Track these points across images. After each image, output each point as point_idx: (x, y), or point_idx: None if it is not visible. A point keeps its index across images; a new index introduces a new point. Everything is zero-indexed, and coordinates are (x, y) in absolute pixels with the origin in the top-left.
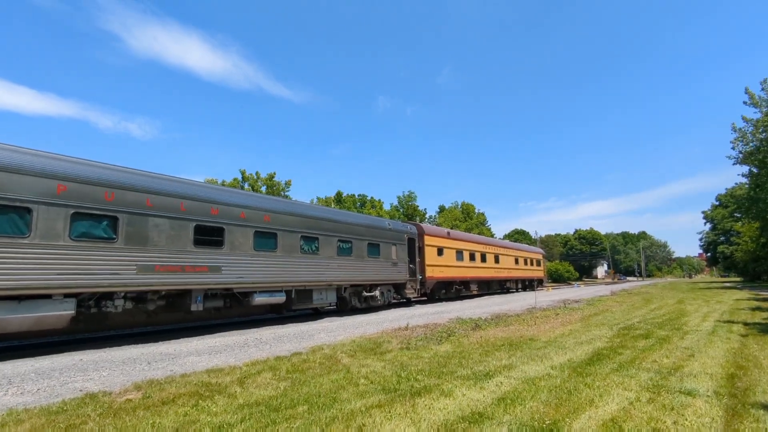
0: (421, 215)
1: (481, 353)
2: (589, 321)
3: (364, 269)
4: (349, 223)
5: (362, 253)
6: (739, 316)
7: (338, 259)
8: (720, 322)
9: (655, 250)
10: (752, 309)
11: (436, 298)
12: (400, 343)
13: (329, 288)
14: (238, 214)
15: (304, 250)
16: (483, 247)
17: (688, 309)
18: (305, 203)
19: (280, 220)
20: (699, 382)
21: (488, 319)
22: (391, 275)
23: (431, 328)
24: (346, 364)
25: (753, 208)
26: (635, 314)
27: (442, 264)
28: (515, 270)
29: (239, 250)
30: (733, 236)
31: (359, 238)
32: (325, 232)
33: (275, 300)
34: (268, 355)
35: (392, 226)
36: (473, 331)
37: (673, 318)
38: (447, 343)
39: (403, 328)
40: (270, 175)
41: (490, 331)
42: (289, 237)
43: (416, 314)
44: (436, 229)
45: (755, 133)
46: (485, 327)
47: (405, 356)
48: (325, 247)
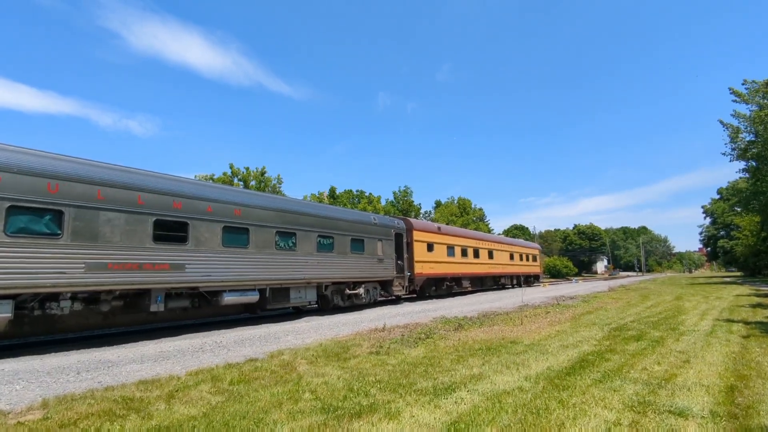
0: (416, 210)
1: (454, 359)
2: (579, 320)
3: (347, 266)
4: (331, 217)
5: (345, 249)
6: (739, 314)
7: (318, 256)
8: (719, 321)
9: (655, 245)
10: (753, 306)
11: (426, 296)
12: (371, 347)
13: (308, 286)
14: (204, 209)
15: (279, 246)
16: (476, 242)
17: (686, 306)
18: (281, 197)
19: (252, 214)
20: (693, 397)
21: (474, 318)
22: (376, 272)
23: (411, 328)
24: (301, 373)
25: (754, 201)
26: (630, 312)
27: (432, 260)
28: (510, 266)
29: (206, 246)
30: (734, 230)
31: (341, 234)
32: (303, 227)
33: (247, 299)
34: (220, 361)
35: (378, 221)
36: (454, 332)
37: (670, 316)
38: (421, 347)
39: (380, 329)
40: (260, 170)
41: (472, 332)
42: (263, 232)
43: (401, 313)
44: (425, 224)
45: (754, 125)
46: (468, 327)
47: (369, 363)
48: (303, 242)
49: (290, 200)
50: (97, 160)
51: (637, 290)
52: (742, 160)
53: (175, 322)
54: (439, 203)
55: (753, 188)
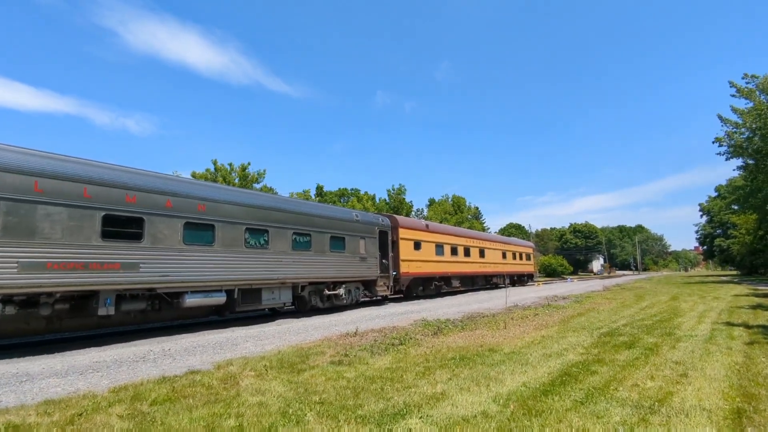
0: (407, 208)
1: (420, 372)
2: (568, 324)
3: (326, 265)
4: (307, 214)
5: (323, 248)
6: (739, 316)
7: (293, 254)
8: (718, 325)
9: (652, 244)
10: (753, 307)
11: (414, 296)
12: (334, 355)
13: (283, 286)
14: (162, 203)
15: (250, 244)
16: (466, 240)
17: (683, 307)
18: (252, 191)
19: (218, 210)
20: (693, 427)
21: (457, 320)
22: (358, 271)
23: (386, 333)
24: (241, 389)
25: (751, 198)
26: (623, 314)
27: (420, 259)
28: (502, 264)
29: (164, 244)
30: (730, 229)
31: (319, 231)
32: (276, 223)
33: (213, 301)
34: (157, 373)
35: (360, 218)
36: (431, 338)
37: (665, 319)
38: (390, 355)
39: (352, 334)
40: (243, 166)
41: (450, 337)
42: (231, 229)
43: (381, 315)
44: (412, 222)
45: (747, 121)
46: (447, 332)
47: (324, 376)
48: (276, 240)
49: (262, 195)
50: (36, 149)
51: (632, 290)
52: (739, 157)
53: (136, 326)
54: (433, 201)
55: (751, 185)
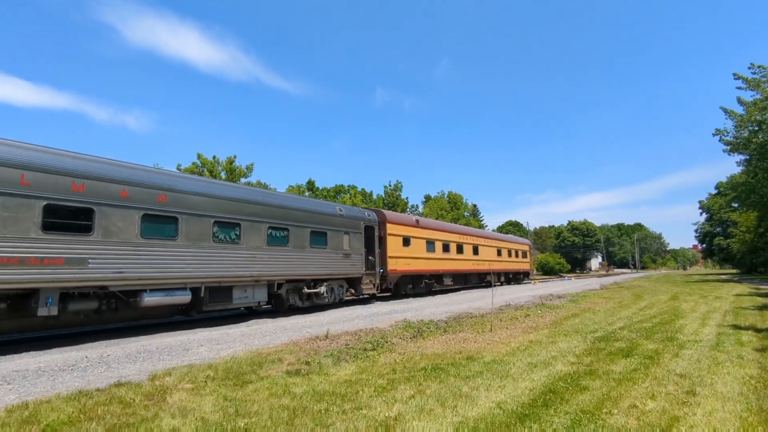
0: (403, 205)
1: (380, 387)
2: (561, 326)
3: (306, 262)
4: (285, 207)
5: (303, 243)
6: (745, 318)
7: (269, 250)
8: (724, 328)
9: (650, 242)
10: (759, 308)
11: (402, 294)
12: (293, 363)
13: (257, 284)
14: (116, 193)
15: (219, 239)
16: (459, 237)
17: (684, 308)
18: (221, 181)
19: (182, 201)
20: None
21: (442, 321)
22: (342, 268)
23: (361, 335)
24: (163, 408)
25: (753, 195)
26: (620, 315)
27: (409, 255)
28: (497, 262)
29: (118, 237)
30: (730, 227)
31: (298, 225)
32: (249, 217)
33: (176, 300)
34: (80, 385)
35: (345, 212)
36: (408, 342)
37: (666, 321)
38: (355, 363)
39: (322, 337)
40: (229, 159)
41: (429, 341)
42: (197, 222)
43: (362, 315)
44: (401, 217)
45: (751, 114)
46: (428, 335)
47: (267, 391)
48: (249, 235)
49: (233, 186)
50: None
51: (630, 288)
52: (742, 152)
53: (92, 328)
54: (429, 197)
55: (753, 181)
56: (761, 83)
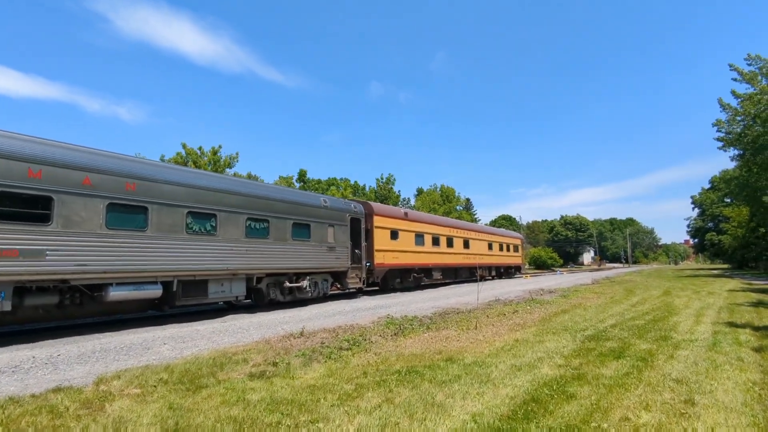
0: (395, 198)
1: (346, 393)
2: (550, 323)
3: (287, 255)
4: (265, 197)
5: (284, 235)
6: (741, 315)
7: (247, 242)
8: (720, 326)
9: (642, 237)
10: (754, 305)
11: (390, 288)
12: (259, 364)
13: (234, 278)
14: (78, 180)
15: (192, 230)
16: (449, 230)
17: (677, 304)
18: (196, 170)
19: (152, 190)
20: None
21: (427, 317)
22: (326, 262)
23: (338, 333)
24: (97, 419)
25: (745, 190)
26: (612, 311)
27: (397, 249)
28: (488, 256)
29: (80, 228)
30: (722, 222)
31: (279, 217)
32: (226, 207)
33: (145, 294)
34: (14, 391)
35: (330, 204)
36: (388, 340)
37: (659, 318)
38: (326, 365)
39: (297, 335)
40: (213, 149)
41: (409, 339)
42: (169, 212)
43: (344, 310)
44: (389, 209)
45: (746, 108)
46: (409, 333)
47: (220, 398)
48: (226, 226)
49: (208, 175)
50: None
51: (622, 283)
52: (736, 146)
53: (59, 323)
54: (421, 191)
55: (746, 175)
56: (756, 76)
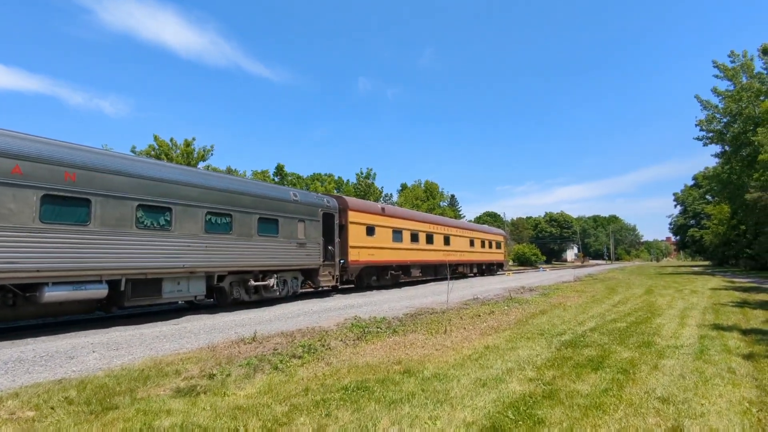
0: (377, 193)
1: (274, 418)
2: (525, 326)
3: (253, 251)
4: (227, 190)
5: (249, 231)
6: (727, 317)
7: (207, 238)
8: (706, 329)
9: (625, 234)
10: (738, 305)
11: (366, 286)
12: (192, 377)
13: (193, 276)
14: (6, 169)
15: (144, 225)
16: (429, 226)
17: (660, 303)
18: (148, 159)
19: (96, 180)
20: None
21: (396, 319)
22: (296, 259)
23: (295, 337)
24: None
25: (727, 188)
26: (592, 312)
27: (374, 245)
28: (470, 253)
29: (9, 222)
30: (704, 219)
31: (244, 211)
32: (183, 200)
33: (87, 294)
34: None
35: (300, 198)
36: (348, 346)
37: (641, 320)
38: (268, 377)
39: (249, 340)
40: (186, 142)
41: (371, 345)
42: (115, 205)
43: (311, 311)
44: (365, 204)
45: (728, 106)
46: (373, 337)
47: (122, 425)
48: (183, 221)
49: (162, 165)
50: None
51: (604, 281)
52: (717, 143)
53: None
54: (405, 186)
55: (729, 173)
56: (738, 72)
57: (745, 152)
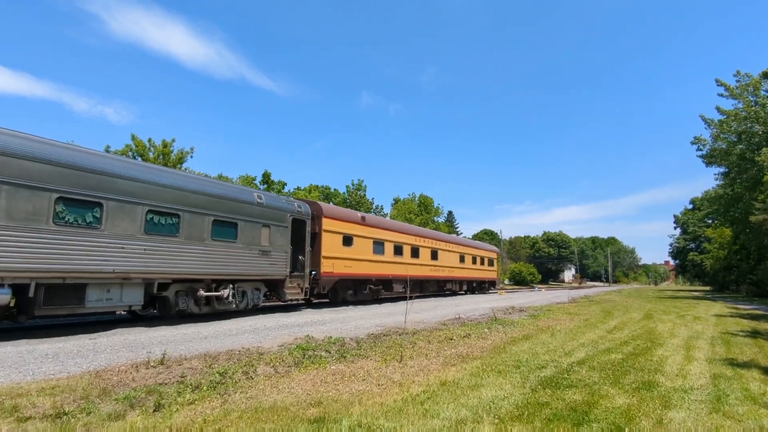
0: (368, 206)
1: None
2: (500, 355)
3: (204, 257)
4: (176, 187)
5: (201, 234)
6: (740, 349)
7: (147, 239)
8: (718, 365)
9: (623, 256)
10: (750, 335)
11: (341, 301)
12: (32, 417)
13: (127, 283)
14: None
15: (65, 221)
16: (415, 239)
17: (660, 330)
18: (75, 146)
19: (2, 167)
20: None
21: (355, 340)
22: (257, 268)
23: (216, 361)
24: None
25: (731, 209)
26: (584, 339)
27: (350, 257)
28: (460, 269)
29: None
30: (704, 242)
31: (195, 212)
32: (117, 195)
33: None
34: None
35: (266, 201)
36: (273, 376)
37: (640, 351)
38: (135, 421)
39: (154, 363)
40: (164, 142)
41: (301, 376)
42: (26, 197)
43: (261, 328)
44: (343, 212)
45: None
46: (312, 363)
47: None
48: (117, 218)
49: (91, 153)
50: None
51: (600, 303)
52: (721, 165)
53: None
54: (398, 200)
55: (732, 195)
56: (745, 90)
57: (749, 173)
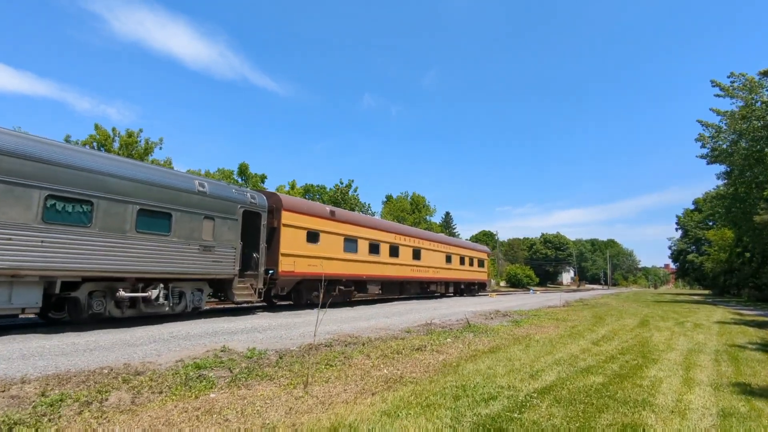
0: (352, 203)
1: None
2: (447, 377)
3: (126, 252)
4: (87, 169)
5: (121, 225)
6: (752, 369)
7: (46, 230)
8: (727, 394)
9: (622, 259)
10: (761, 348)
11: (305, 303)
12: None
13: (18, 281)
14: None
15: None
16: (394, 236)
17: (656, 341)
18: None
19: None
20: None
21: (280, 352)
22: (197, 266)
23: (63, 384)
24: None
25: (733, 209)
26: (562, 353)
27: (316, 255)
28: (445, 270)
29: None
30: (704, 245)
31: (114, 199)
32: (5, 177)
33: None
34: None
35: (209, 190)
36: (117, 411)
37: (628, 371)
38: None
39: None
40: (129, 132)
41: (148, 410)
42: None
43: (177, 335)
44: (307, 205)
45: (731, 125)
46: (185, 391)
47: None
48: (3, 204)
49: None
50: None
51: (594, 307)
52: (723, 163)
53: None
54: (390, 198)
55: (733, 194)
56: (742, 89)
57: (753, 172)
